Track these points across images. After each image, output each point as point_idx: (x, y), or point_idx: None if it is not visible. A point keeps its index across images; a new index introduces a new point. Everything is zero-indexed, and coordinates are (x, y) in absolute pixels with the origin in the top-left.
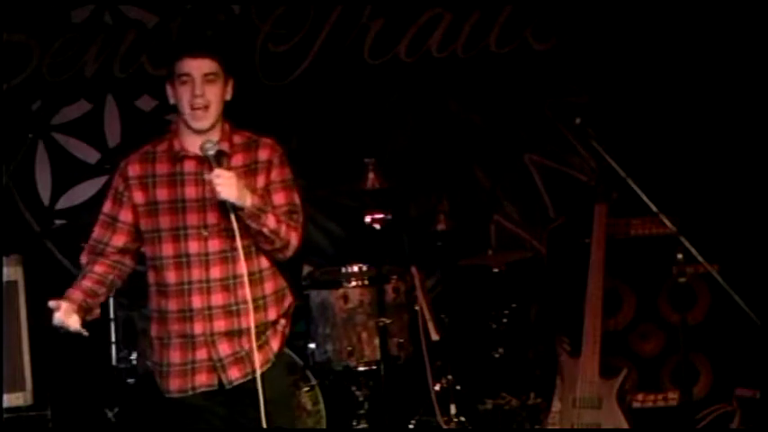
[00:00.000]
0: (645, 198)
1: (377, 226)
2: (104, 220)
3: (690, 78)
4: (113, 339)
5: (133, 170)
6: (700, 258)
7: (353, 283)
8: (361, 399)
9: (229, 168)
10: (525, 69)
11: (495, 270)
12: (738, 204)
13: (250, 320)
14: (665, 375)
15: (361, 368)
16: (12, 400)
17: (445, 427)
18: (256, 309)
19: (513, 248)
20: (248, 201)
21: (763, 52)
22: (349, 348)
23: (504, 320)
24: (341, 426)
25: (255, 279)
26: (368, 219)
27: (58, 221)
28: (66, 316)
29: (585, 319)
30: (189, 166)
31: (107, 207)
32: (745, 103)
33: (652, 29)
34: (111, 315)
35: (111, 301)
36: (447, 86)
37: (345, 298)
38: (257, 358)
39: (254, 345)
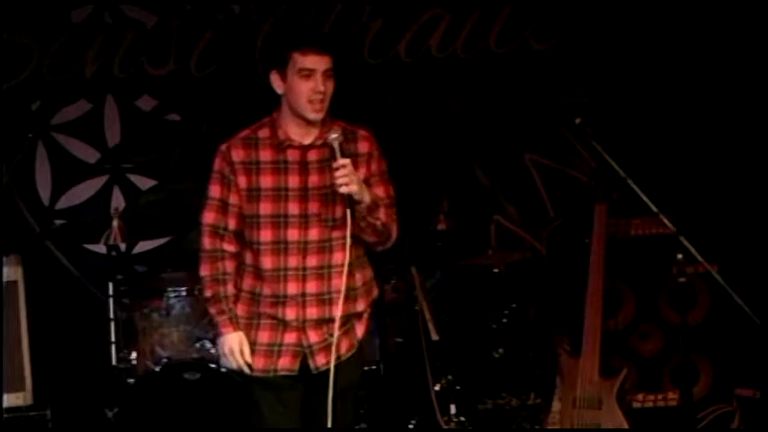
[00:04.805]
0: (645, 198)
1: None
2: (216, 205)
3: (689, 78)
4: (113, 339)
5: (237, 155)
6: (700, 258)
7: None
8: (361, 399)
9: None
10: (525, 69)
11: (495, 270)
12: (738, 204)
13: (341, 309)
14: (665, 375)
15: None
16: (12, 400)
17: (445, 427)
18: (348, 299)
19: (513, 248)
20: (367, 195)
21: (763, 52)
22: None
23: (504, 320)
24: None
25: (350, 270)
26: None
27: (58, 221)
28: (245, 356)
29: (585, 319)
30: (293, 156)
31: (215, 191)
32: (744, 103)
33: (652, 29)
34: (111, 315)
35: (111, 301)
36: (447, 86)
37: None
38: (342, 345)
39: (336, 333)
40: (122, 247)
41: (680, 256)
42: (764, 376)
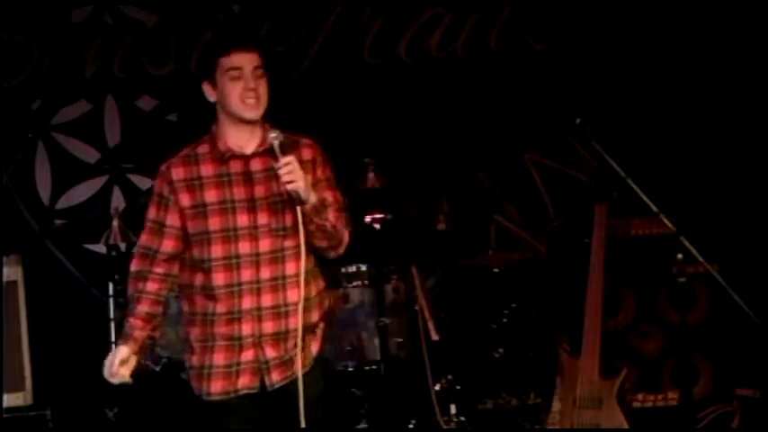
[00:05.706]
0: (645, 198)
1: (377, 226)
2: (151, 227)
3: (689, 78)
4: (113, 339)
5: (177, 173)
6: (700, 258)
7: (353, 283)
8: (361, 399)
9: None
10: (525, 69)
11: (495, 270)
12: (738, 204)
13: (298, 321)
14: (665, 375)
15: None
16: (12, 400)
17: (445, 427)
18: (303, 310)
19: (513, 248)
20: (312, 195)
21: (764, 52)
22: (349, 348)
23: (504, 320)
24: (341, 426)
25: (305, 279)
26: (368, 219)
27: (57, 221)
28: (125, 369)
29: (585, 319)
30: (235, 167)
31: (152, 213)
32: (744, 103)
33: (652, 29)
34: (111, 315)
35: (111, 301)
36: (447, 86)
37: (345, 298)
38: (300, 359)
39: (300, 345)
40: (122, 247)
41: (680, 256)
42: (764, 376)
